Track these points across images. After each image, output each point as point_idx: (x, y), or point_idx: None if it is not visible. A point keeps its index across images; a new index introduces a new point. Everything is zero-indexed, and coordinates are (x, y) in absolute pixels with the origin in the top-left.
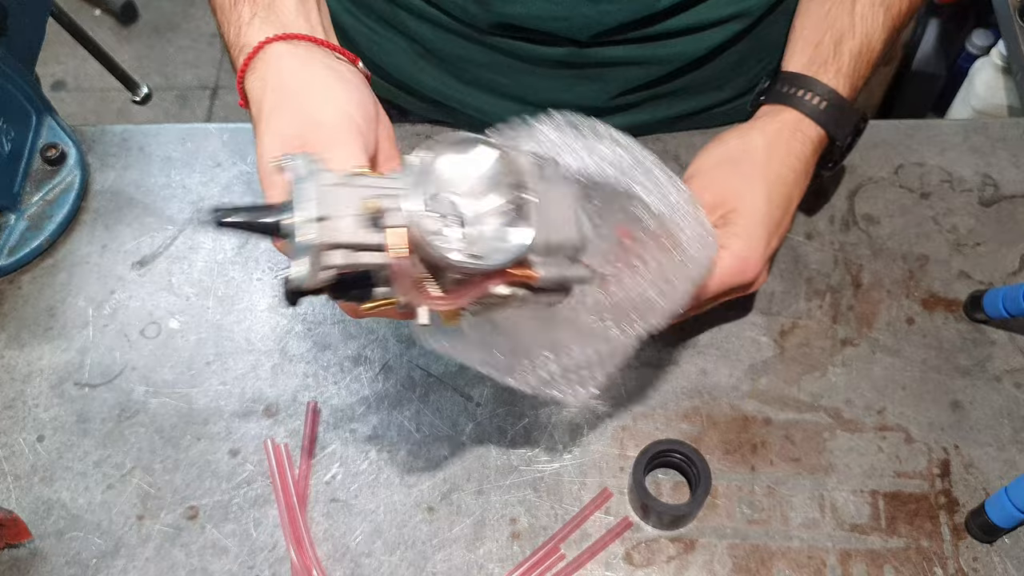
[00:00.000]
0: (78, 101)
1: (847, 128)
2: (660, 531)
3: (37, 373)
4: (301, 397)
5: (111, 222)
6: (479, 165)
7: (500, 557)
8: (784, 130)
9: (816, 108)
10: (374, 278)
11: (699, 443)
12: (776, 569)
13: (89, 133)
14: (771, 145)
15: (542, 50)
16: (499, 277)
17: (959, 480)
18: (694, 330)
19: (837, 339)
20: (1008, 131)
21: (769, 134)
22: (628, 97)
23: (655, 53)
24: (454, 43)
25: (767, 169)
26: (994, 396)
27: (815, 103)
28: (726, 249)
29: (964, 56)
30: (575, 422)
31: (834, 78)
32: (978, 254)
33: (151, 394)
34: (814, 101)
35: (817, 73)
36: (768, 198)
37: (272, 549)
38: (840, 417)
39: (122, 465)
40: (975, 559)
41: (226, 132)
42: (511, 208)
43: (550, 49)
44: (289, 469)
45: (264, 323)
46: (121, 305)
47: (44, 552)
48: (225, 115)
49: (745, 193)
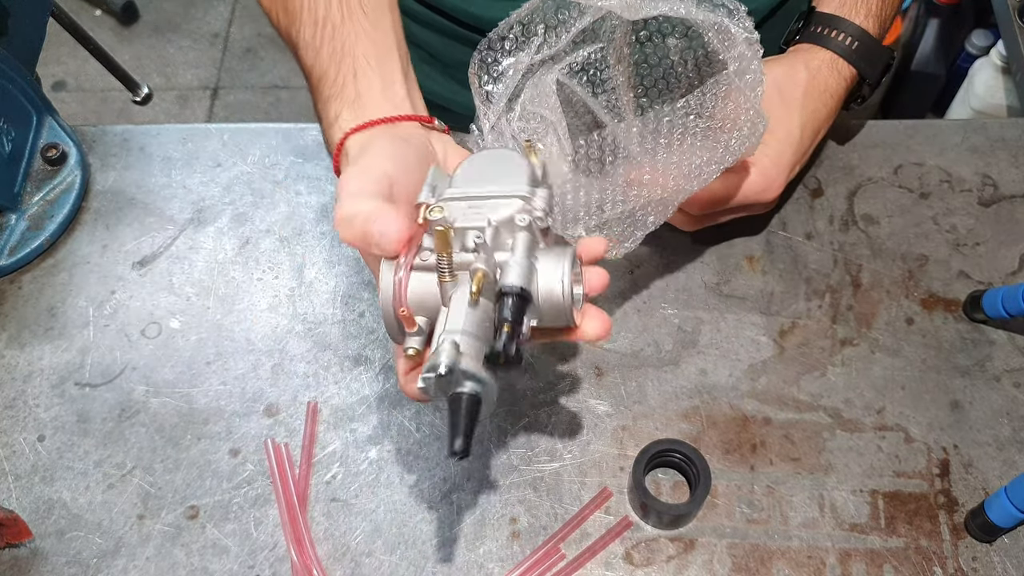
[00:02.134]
0: (79, 101)
1: (877, 67)
2: (660, 531)
3: (38, 373)
4: (301, 397)
5: (112, 222)
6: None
7: (500, 556)
8: (823, 68)
9: (848, 48)
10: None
11: (699, 443)
12: (775, 568)
13: (90, 133)
14: (812, 79)
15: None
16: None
17: (958, 480)
18: (694, 330)
19: (836, 339)
20: (1007, 131)
21: (812, 70)
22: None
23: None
24: (458, 49)
25: (805, 101)
26: (993, 396)
27: (847, 44)
28: (754, 165)
29: (963, 56)
30: (575, 422)
31: (864, 19)
32: (977, 254)
33: (151, 394)
34: (846, 42)
35: (849, 14)
36: (801, 127)
37: (272, 549)
38: (839, 417)
39: (123, 465)
40: (974, 559)
41: (226, 132)
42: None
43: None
44: (289, 469)
45: (265, 323)
46: (122, 305)
47: (45, 551)
48: (225, 115)
49: (783, 118)
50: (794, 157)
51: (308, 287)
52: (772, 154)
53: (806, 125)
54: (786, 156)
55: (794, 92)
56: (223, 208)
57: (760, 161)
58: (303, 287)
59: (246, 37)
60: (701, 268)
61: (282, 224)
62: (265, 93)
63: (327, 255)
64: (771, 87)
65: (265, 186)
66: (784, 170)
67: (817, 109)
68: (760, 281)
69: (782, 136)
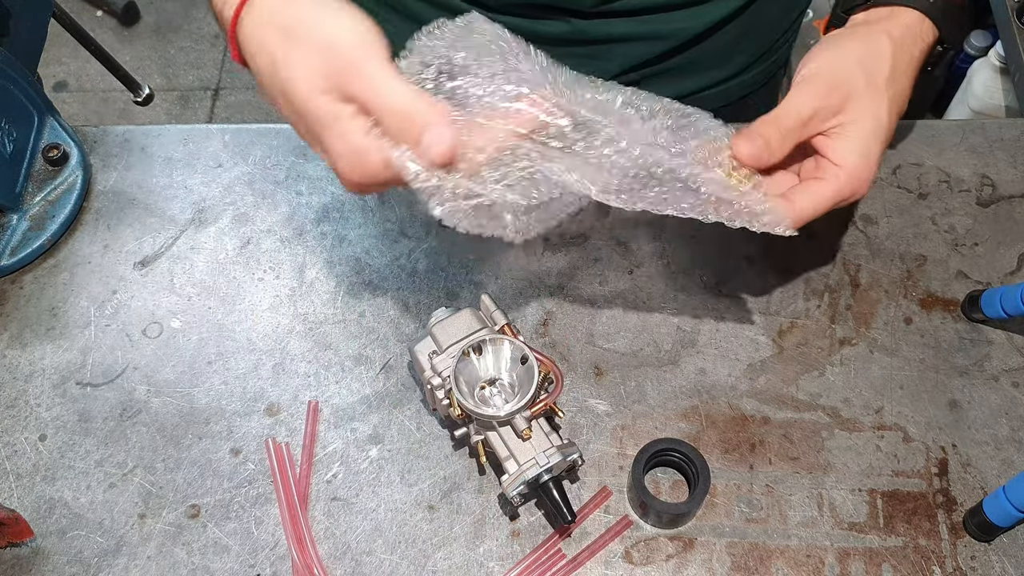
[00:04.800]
0: (80, 102)
1: (956, 28)
2: (659, 530)
3: (39, 372)
4: (302, 396)
5: (113, 222)
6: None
7: (500, 555)
8: (908, 34)
9: (933, 6)
10: None
11: (698, 442)
12: (774, 568)
13: (91, 134)
14: (898, 50)
15: (544, 26)
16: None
17: (957, 479)
18: (693, 329)
19: (835, 339)
20: (1006, 132)
21: (896, 38)
22: (630, 75)
23: (656, 29)
24: (431, 12)
25: (893, 78)
26: (992, 395)
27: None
28: (842, 167)
29: (962, 57)
30: (574, 421)
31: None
32: (976, 254)
33: (153, 393)
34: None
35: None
36: (889, 111)
37: (273, 548)
38: (838, 416)
39: (124, 464)
40: (973, 558)
41: (227, 133)
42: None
43: (552, 25)
44: (290, 468)
45: (266, 323)
46: (123, 305)
47: (46, 551)
48: (227, 116)
49: (869, 104)
50: (880, 146)
51: (309, 287)
52: (861, 149)
53: (892, 108)
54: (873, 148)
55: (881, 71)
56: (224, 208)
57: (847, 161)
58: (304, 287)
59: None
60: (700, 268)
61: (283, 224)
62: None
63: (328, 255)
64: (854, 69)
65: (266, 186)
66: (872, 164)
67: (904, 86)
68: (759, 281)
69: (870, 127)
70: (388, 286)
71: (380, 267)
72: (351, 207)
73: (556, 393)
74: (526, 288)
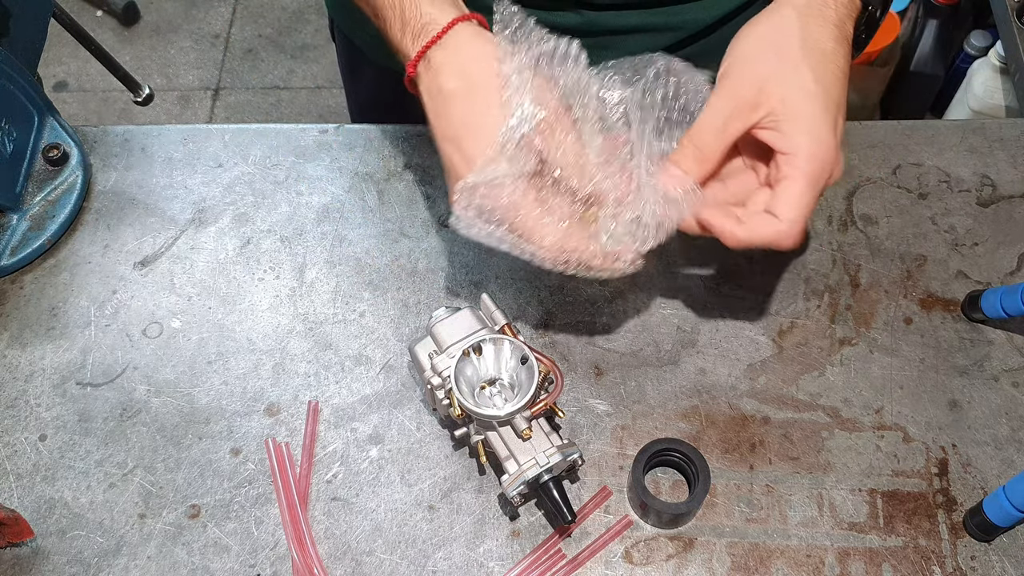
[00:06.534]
0: (80, 102)
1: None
2: (659, 529)
3: (39, 372)
4: (302, 396)
5: (113, 222)
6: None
7: (500, 555)
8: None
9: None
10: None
11: (698, 442)
12: (775, 567)
13: (91, 134)
14: (805, 18)
15: (556, 17)
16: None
17: (957, 479)
18: (693, 329)
19: (835, 339)
20: (1006, 131)
21: (800, 6)
22: None
23: (665, 20)
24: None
25: (804, 44)
26: (992, 395)
27: None
28: (795, 154)
29: (962, 57)
30: (574, 421)
31: None
32: (976, 254)
33: (153, 393)
34: None
35: None
36: (815, 78)
37: (273, 547)
38: (838, 416)
39: (124, 464)
40: (973, 558)
41: (227, 133)
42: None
43: (564, 16)
44: (290, 468)
45: (266, 323)
46: (123, 305)
47: (46, 551)
48: (226, 116)
49: (789, 81)
50: (829, 114)
51: (309, 287)
52: (805, 128)
53: (818, 71)
54: (820, 121)
55: (790, 44)
56: (224, 208)
57: (799, 148)
58: (304, 287)
59: (247, 38)
60: (700, 268)
61: (283, 224)
62: (266, 94)
63: (328, 255)
64: (761, 53)
65: (266, 186)
66: (828, 137)
67: (822, 46)
68: (759, 281)
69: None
70: (388, 286)
71: (380, 267)
72: (351, 207)
73: (556, 393)
74: (526, 288)
